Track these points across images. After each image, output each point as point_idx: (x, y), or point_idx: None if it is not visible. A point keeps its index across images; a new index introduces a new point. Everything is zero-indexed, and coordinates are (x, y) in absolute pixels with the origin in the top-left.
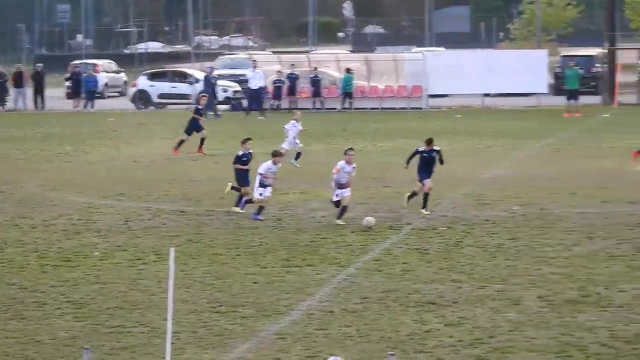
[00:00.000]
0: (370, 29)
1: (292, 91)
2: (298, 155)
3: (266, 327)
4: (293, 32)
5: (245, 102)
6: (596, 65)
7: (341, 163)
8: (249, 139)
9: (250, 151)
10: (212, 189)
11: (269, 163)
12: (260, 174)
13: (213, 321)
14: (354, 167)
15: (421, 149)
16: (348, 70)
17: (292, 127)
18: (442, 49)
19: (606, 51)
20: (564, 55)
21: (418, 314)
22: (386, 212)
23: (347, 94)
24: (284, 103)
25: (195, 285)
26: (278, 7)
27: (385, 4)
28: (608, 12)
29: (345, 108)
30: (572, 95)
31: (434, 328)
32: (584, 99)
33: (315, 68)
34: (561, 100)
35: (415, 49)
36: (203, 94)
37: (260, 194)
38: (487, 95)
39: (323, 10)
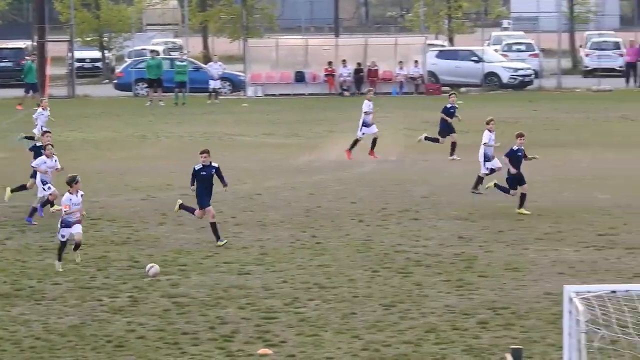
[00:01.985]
0: None
1: None
2: None
3: None
4: None
5: None
6: (27, 57)
7: (67, 196)
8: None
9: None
10: None
11: (43, 157)
12: (34, 166)
13: None
14: (82, 195)
15: (198, 166)
16: None
17: (40, 115)
18: None
19: (36, 44)
20: None
21: None
22: None
23: None
24: None
25: None
26: None
27: None
28: (37, 5)
29: None
30: (33, 88)
31: None
32: (13, 92)
33: None
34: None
35: None
36: None
37: (50, 188)
38: None
39: None
